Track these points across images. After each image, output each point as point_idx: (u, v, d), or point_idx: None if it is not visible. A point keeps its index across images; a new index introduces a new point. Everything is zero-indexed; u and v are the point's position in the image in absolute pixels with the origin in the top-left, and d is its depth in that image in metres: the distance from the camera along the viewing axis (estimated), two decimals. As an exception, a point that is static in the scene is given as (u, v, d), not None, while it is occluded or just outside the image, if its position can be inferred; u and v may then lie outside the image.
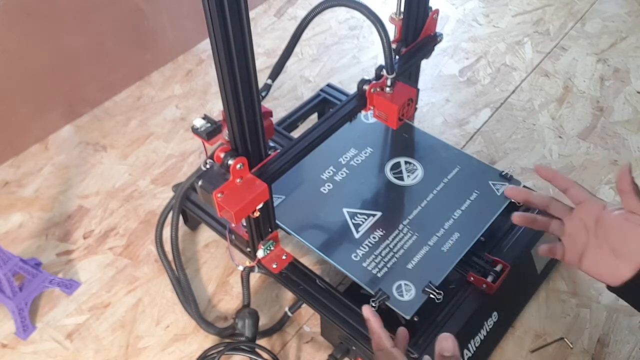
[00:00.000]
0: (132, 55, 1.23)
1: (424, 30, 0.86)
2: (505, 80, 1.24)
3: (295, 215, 0.79)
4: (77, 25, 1.09)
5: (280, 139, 0.94)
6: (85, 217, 1.00)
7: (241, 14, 0.54)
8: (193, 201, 0.90)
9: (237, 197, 0.65)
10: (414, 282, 0.71)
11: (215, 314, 0.87)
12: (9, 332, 0.85)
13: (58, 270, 0.92)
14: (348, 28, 1.39)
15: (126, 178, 1.06)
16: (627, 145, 1.09)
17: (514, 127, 1.13)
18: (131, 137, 1.14)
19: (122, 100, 1.22)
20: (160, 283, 0.90)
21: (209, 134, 0.66)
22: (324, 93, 1.04)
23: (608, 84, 1.21)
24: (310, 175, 0.84)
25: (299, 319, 0.86)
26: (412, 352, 0.69)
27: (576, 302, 0.86)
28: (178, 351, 0.83)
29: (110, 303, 0.88)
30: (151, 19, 1.21)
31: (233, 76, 0.58)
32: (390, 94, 0.79)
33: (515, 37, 1.35)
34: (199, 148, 1.10)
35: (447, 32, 1.36)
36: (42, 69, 1.08)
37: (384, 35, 0.71)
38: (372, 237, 0.76)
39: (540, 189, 1.00)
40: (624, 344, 0.81)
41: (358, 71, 1.27)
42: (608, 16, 1.39)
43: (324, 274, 0.90)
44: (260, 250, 0.77)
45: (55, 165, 1.09)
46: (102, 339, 0.84)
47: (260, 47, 1.33)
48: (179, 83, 1.25)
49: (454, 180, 0.82)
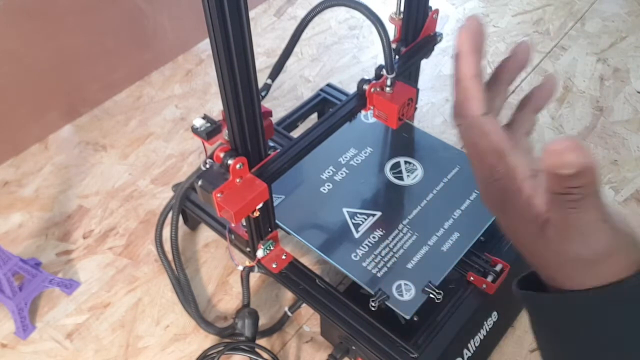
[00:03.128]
0: (132, 55, 1.23)
1: (424, 30, 0.86)
2: (505, 80, 1.23)
3: (295, 215, 0.79)
4: (77, 25, 1.09)
5: (280, 139, 0.94)
6: (85, 216, 1.00)
7: (241, 14, 0.54)
8: (193, 201, 0.90)
9: (236, 197, 0.65)
10: (413, 281, 0.71)
11: (215, 314, 0.87)
12: (8, 332, 0.85)
13: (58, 270, 0.92)
14: (348, 28, 1.39)
15: (126, 178, 1.06)
16: (627, 145, 1.09)
17: (513, 127, 1.13)
18: (131, 137, 1.14)
19: (122, 100, 1.22)
20: (160, 283, 0.90)
21: (208, 133, 0.66)
22: (323, 93, 1.04)
23: (608, 84, 1.21)
24: (310, 175, 0.84)
25: (298, 318, 0.86)
26: (412, 352, 0.69)
27: (576, 302, 0.86)
28: (178, 351, 0.83)
29: (110, 303, 0.88)
30: (151, 19, 1.21)
31: (233, 76, 0.58)
32: (390, 93, 0.79)
33: (515, 37, 1.34)
34: (198, 148, 1.10)
35: (447, 32, 1.36)
36: (42, 68, 1.08)
37: (383, 35, 0.71)
38: (372, 236, 0.76)
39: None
40: (624, 343, 0.81)
41: (358, 71, 1.27)
42: (608, 16, 1.39)
43: (324, 273, 0.90)
44: (260, 250, 0.77)
45: (55, 165, 1.09)
46: (102, 339, 0.84)
47: (260, 47, 1.33)
48: (178, 83, 1.25)
49: (454, 180, 0.82)
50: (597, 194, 0.28)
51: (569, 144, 0.25)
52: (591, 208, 0.28)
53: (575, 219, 0.29)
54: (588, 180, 0.27)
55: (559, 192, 0.28)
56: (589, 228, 0.29)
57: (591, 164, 0.26)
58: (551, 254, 0.31)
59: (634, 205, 0.98)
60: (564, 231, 0.30)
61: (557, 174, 0.27)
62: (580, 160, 0.25)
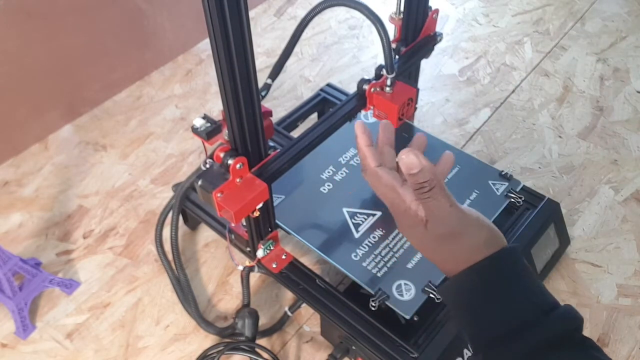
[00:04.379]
0: (132, 55, 1.23)
1: (424, 30, 0.86)
2: (505, 79, 1.24)
3: (295, 215, 0.79)
4: (77, 25, 1.09)
5: (280, 139, 0.94)
6: (85, 216, 1.00)
7: (241, 14, 0.54)
8: (193, 201, 0.90)
9: (236, 197, 0.65)
10: (413, 281, 0.71)
11: (215, 314, 0.87)
12: (8, 332, 0.85)
13: (58, 270, 0.92)
14: (348, 28, 1.39)
15: (126, 178, 1.06)
16: (627, 145, 1.09)
17: (513, 126, 1.13)
18: (131, 136, 1.14)
19: (122, 100, 1.22)
20: (160, 283, 0.90)
21: (208, 133, 0.66)
22: (323, 93, 1.04)
23: (608, 84, 1.21)
24: (310, 175, 0.84)
25: (298, 318, 0.86)
26: (411, 352, 0.69)
27: (576, 302, 0.86)
28: (178, 351, 0.83)
29: (110, 303, 0.88)
30: (151, 18, 1.21)
31: (233, 76, 0.58)
32: (390, 93, 0.79)
33: (515, 36, 1.35)
34: (198, 148, 1.10)
35: (446, 32, 1.36)
36: (42, 68, 1.08)
37: (383, 35, 0.71)
38: (372, 236, 0.76)
39: (540, 189, 1.00)
40: (624, 343, 0.81)
41: (358, 71, 1.27)
42: (608, 16, 1.39)
43: (324, 273, 0.90)
44: (260, 250, 0.77)
45: (55, 164, 1.09)
46: (102, 339, 0.84)
47: (260, 46, 1.33)
48: (178, 83, 1.25)
49: (454, 179, 0.82)
50: (441, 186, 0.45)
51: (410, 152, 0.44)
52: (439, 196, 0.45)
53: (431, 205, 0.45)
54: (430, 176, 0.44)
55: (416, 188, 0.45)
56: (442, 211, 0.45)
57: (428, 165, 0.44)
58: (435, 246, 0.48)
59: (634, 205, 0.98)
60: (429, 217, 0.46)
61: (410, 174, 0.44)
62: (422, 162, 0.44)
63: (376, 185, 0.51)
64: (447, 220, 0.45)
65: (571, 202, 0.99)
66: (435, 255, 0.49)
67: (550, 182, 1.02)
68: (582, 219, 0.96)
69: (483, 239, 0.46)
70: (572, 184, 1.02)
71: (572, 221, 0.96)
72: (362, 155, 0.52)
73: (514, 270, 0.45)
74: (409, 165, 0.44)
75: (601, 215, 0.97)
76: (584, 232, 0.94)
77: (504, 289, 0.44)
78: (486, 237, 0.46)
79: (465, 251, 0.46)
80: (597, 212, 0.97)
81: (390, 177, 0.49)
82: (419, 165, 0.44)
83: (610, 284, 0.88)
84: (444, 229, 0.46)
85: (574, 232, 0.94)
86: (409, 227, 0.49)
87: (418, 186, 0.45)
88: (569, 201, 0.99)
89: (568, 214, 0.96)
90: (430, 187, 0.44)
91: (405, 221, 0.49)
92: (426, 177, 0.44)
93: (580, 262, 0.90)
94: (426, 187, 0.44)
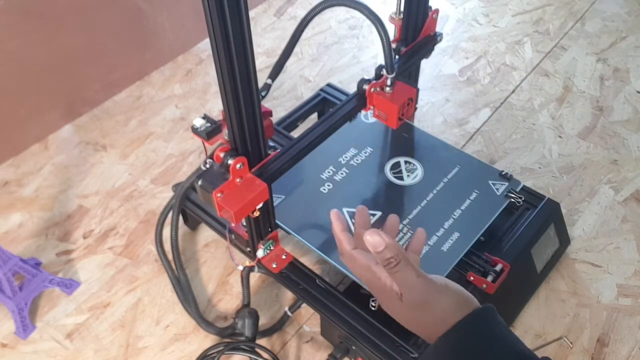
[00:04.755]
0: (132, 55, 1.23)
1: (424, 30, 0.86)
2: (505, 79, 1.24)
3: (295, 215, 0.79)
4: (77, 25, 1.09)
5: (280, 139, 0.94)
6: (85, 216, 1.00)
7: (241, 14, 0.54)
8: (193, 201, 0.90)
9: (237, 197, 0.65)
10: (413, 281, 0.71)
11: (215, 314, 0.87)
12: (8, 332, 0.85)
13: (58, 270, 0.92)
14: (348, 28, 1.39)
15: (126, 178, 1.06)
16: (627, 145, 1.09)
17: (513, 126, 1.13)
18: (131, 136, 1.14)
19: (122, 100, 1.22)
20: (160, 283, 0.90)
21: (208, 133, 0.66)
22: (323, 93, 1.04)
23: (608, 84, 1.21)
24: (310, 175, 0.84)
25: (298, 318, 0.86)
26: (411, 352, 0.69)
27: (576, 302, 0.86)
28: (178, 351, 0.83)
29: (110, 303, 0.88)
30: (151, 18, 1.21)
31: (233, 76, 0.58)
32: (390, 93, 0.79)
33: (515, 36, 1.35)
34: (198, 148, 1.10)
35: (447, 32, 1.36)
36: (42, 68, 1.08)
37: (383, 35, 0.71)
38: (372, 236, 0.76)
39: (540, 189, 1.00)
40: (624, 343, 0.81)
41: (358, 71, 1.27)
42: (608, 16, 1.39)
43: (324, 273, 0.91)
44: (260, 250, 0.77)
45: (55, 164, 1.09)
46: (102, 339, 0.84)
47: (260, 46, 1.33)
48: (178, 83, 1.25)
49: (454, 180, 0.82)
50: (406, 260, 0.48)
51: (374, 233, 0.47)
52: (406, 269, 0.48)
53: (400, 278, 0.48)
54: (395, 251, 0.47)
55: (385, 264, 0.48)
56: (410, 281, 0.48)
57: (391, 242, 0.47)
58: (412, 316, 0.50)
59: (634, 205, 0.98)
60: (402, 289, 0.49)
61: (377, 252, 0.47)
62: (386, 240, 0.47)
63: (353, 267, 0.54)
64: (416, 290, 0.48)
65: (571, 202, 0.99)
66: (414, 326, 0.51)
67: (550, 182, 1.02)
68: (582, 219, 0.96)
69: (453, 303, 0.48)
70: (572, 184, 1.02)
71: (572, 221, 0.96)
72: (338, 240, 0.56)
73: (487, 330, 0.47)
74: (374, 244, 0.47)
75: (601, 215, 0.97)
76: (584, 232, 0.94)
77: (479, 351, 0.46)
78: (456, 301, 0.48)
79: (438, 317, 0.48)
80: (597, 212, 0.97)
81: (364, 258, 0.53)
82: (383, 243, 0.47)
83: (610, 284, 0.88)
84: (416, 298, 0.48)
85: (574, 232, 0.94)
86: (387, 301, 0.52)
87: (386, 262, 0.48)
88: (569, 201, 0.99)
89: (568, 214, 0.96)
90: (396, 261, 0.47)
91: (384, 297, 0.52)
92: (392, 253, 0.47)
93: (580, 262, 0.90)
94: (393, 262, 0.47)
